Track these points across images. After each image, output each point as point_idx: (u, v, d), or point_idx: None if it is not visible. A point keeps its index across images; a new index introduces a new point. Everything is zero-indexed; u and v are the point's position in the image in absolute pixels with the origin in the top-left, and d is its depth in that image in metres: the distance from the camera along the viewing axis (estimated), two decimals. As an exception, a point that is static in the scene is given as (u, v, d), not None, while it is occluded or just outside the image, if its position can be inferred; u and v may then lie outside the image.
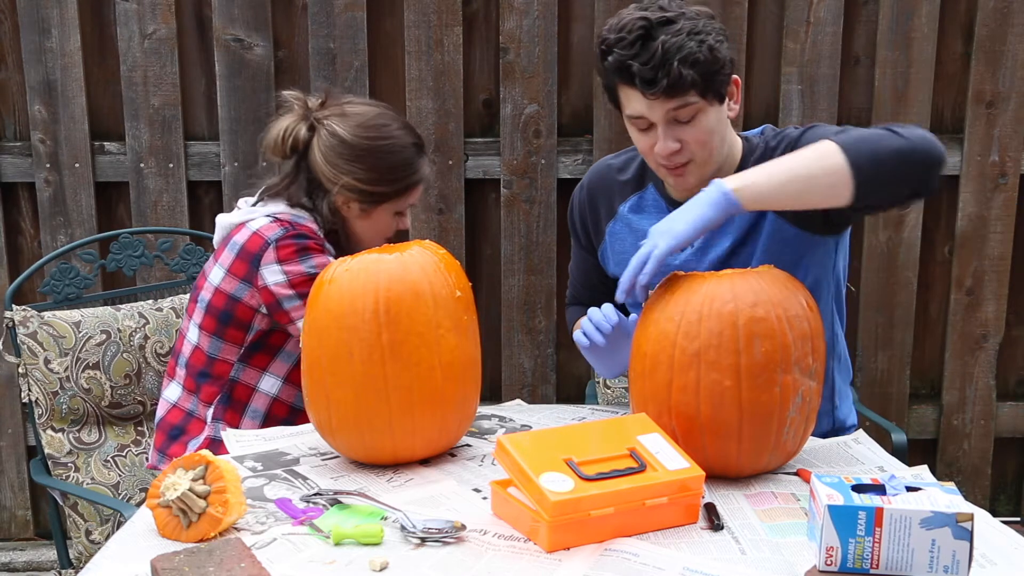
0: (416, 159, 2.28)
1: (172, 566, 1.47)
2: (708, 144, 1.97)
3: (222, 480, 1.61)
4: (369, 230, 2.31)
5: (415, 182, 2.30)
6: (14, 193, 3.16)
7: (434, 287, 1.82)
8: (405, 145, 2.27)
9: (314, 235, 2.22)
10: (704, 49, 1.89)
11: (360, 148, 2.23)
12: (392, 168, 2.25)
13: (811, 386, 1.77)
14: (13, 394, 3.12)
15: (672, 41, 1.88)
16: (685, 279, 1.80)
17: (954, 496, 1.48)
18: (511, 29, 3.03)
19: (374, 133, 2.24)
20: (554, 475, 1.58)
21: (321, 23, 3.02)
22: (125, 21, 3.02)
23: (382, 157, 2.24)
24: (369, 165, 2.23)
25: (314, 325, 1.83)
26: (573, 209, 2.29)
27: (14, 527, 3.33)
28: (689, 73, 1.88)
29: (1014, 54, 3.04)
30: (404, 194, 2.30)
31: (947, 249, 3.20)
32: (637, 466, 1.62)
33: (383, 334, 1.78)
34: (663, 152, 1.96)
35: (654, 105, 1.92)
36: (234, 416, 2.23)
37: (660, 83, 1.88)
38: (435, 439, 1.86)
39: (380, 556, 1.53)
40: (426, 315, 1.80)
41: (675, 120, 1.94)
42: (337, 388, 1.80)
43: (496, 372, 3.23)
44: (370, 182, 2.24)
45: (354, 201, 2.26)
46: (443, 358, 1.82)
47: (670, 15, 1.91)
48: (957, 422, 3.27)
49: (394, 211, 2.31)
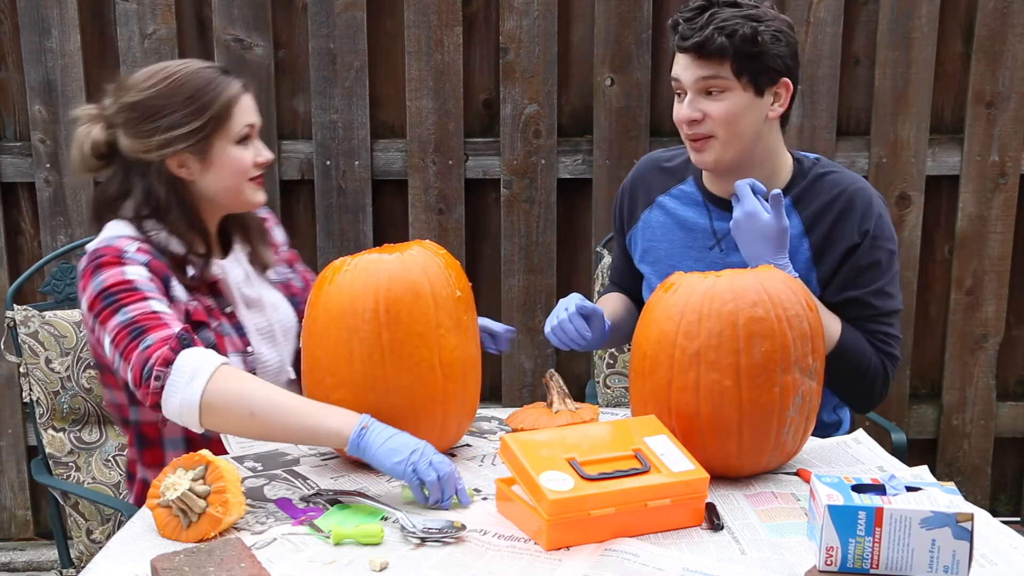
0: (215, 77, 2.00)
1: (172, 566, 1.47)
2: (731, 125, 2.02)
3: (222, 480, 1.61)
4: (223, 177, 2.02)
5: (229, 98, 2.00)
6: (14, 193, 3.16)
7: (434, 287, 1.82)
8: (195, 71, 2.00)
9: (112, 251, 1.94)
10: (748, 29, 1.96)
11: (149, 99, 1.98)
12: (191, 98, 1.97)
13: (811, 386, 1.77)
14: (13, 394, 3.12)
15: (724, 13, 1.97)
16: (685, 279, 1.80)
17: (954, 496, 1.48)
18: (511, 29, 3.03)
19: (155, 79, 1.99)
20: (555, 474, 1.58)
21: (321, 23, 3.02)
22: (125, 21, 3.02)
23: (173, 92, 1.98)
24: (166, 107, 1.97)
25: (314, 325, 1.83)
26: (617, 198, 2.35)
27: (14, 527, 3.33)
28: (721, 39, 1.95)
29: (1014, 54, 3.04)
30: (226, 117, 1.99)
31: (947, 249, 3.20)
32: (641, 467, 1.62)
33: (383, 334, 1.78)
34: (681, 116, 2.03)
35: (688, 67, 2.00)
36: (155, 454, 2.08)
37: (692, 38, 1.97)
38: (435, 439, 1.86)
39: (380, 556, 1.53)
40: (426, 315, 1.80)
41: (704, 91, 2.00)
42: (337, 388, 1.80)
43: (496, 372, 3.23)
44: (179, 123, 1.96)
45: (183, 154, 1.98)
46: (443, 358, 1.82)
47: (740, 1, 2.00)
48: (957, 422, 3.27)
49: (233, 141, 2.01)
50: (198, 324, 1.98)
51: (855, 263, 2.05)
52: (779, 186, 2.09)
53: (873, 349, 2.06)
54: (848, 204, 2.06)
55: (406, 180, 3.11)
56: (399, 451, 1.70)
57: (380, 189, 3.14)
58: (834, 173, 2.11)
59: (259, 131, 2.08)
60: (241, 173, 2.03)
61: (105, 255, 1.93)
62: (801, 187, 2.10)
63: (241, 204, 2.08)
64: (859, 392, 2.10)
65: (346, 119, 3.07)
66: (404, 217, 3.14)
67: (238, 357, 2.04)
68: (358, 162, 3.09)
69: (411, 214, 3.12)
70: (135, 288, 1.90)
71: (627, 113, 3.07)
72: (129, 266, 1.92)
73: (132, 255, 1.94)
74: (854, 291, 2.06)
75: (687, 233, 2.18)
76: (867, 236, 2.05)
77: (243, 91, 2.03)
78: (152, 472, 2.06)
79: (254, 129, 2.05)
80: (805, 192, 2.09)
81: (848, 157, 3.09)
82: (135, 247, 1.96)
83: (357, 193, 3.10)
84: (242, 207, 2.09)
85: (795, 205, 2.09)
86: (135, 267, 1.93)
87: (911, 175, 3.09)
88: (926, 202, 3.12)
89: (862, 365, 2.05)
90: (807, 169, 2.12)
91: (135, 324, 1.86)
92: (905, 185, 3.10)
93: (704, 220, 2.16)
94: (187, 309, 1.98)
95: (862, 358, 2.05)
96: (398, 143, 3.11)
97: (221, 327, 2.03)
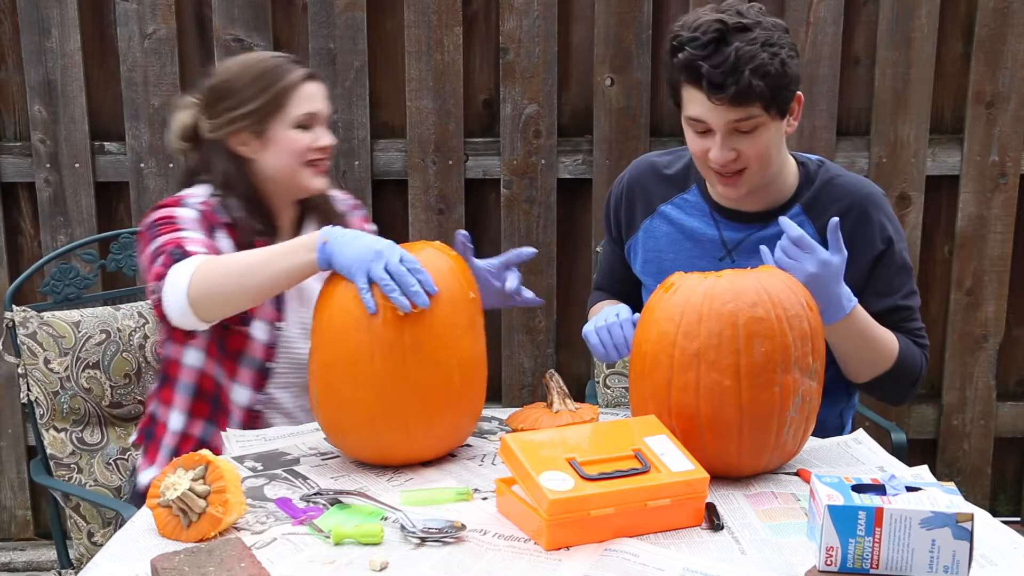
0: (282, 64, 2.15)
1: (172, 566, 1.47)
2: (765, 158, 1.98)
3: (222, 480, 1.61)
4: (279, 157, 2.14)
5: (290, 83, 2.13)
6: (14, 193, 3.17)
7: (450, 288, 1.82)
8: (263, 58, 2.18)
9: (171, 204, 2.12)
10: (776, 62, 1.89)
11: (222, 83, 2.16)
12: (255, 79, 2.13)
13: (811, 386, 1.77)
14: (13, 394, 3.12)
15: (746, 49, 1.87)
16: (685, 279, 1.80)
17: (954, 496, 1.48)
18: (511, 29, 3.03)
19: (230, 65, 2.20)
20: (555, 474, 1.58)
21: (321, 23, 3.02)
22: (125, 21, 3.02)
23: (242, 76, 2.14)
24: (235, 90, 2.14)
25: (330, 327, 1.83)
26: (609, 200, 2.29)
27: (14, 527, 3.33)
28: (759, 84, 1.87)
29: (1014, 54, 3.04)
30: (284, 100, 2.12)
31: (947, 249, 3.20)
32: (640, 467, 1.62)
33: (405, 334, 1.78)
34: (719, 160, 1.96)
35: (717, 111, 1.91)
36: (168, 392, 2.20)
37: (728, 89, 1.87)
38: (447, 438, 1.86)
39: (380, 556, 1.53)
40: (445, 315, 1.80)
41: (735, 130, 1.94)
42: (356, 389, 1.79)
43: (496, 372, 3.23)
44: (243, 103, 2.12)
45: (243, 132, 2.13)
46: (460, 358, 1.82)
47: (747, 22, 1.90)
48: (957, 422, 3.27)
49: (291, 124, 2.13)
50: None
51: (885, 271, 2.06)
52: (787, 193, 2.08)
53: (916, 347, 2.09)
54: (863, 213, 2.05)
55: (406, 180, 3.11)
56: (359, 253, 1.79)
57: (380, 189, 3.14)
58: (840, 177, 2.10)
59: (327, 120, 2.18)
60: (295, 154, 2.13)
61: (168, 201, 2.13)
62: (811, 194, 2.08)
63: (298, 186, 2.17)
64: (909, 392, 2.12)
65: (346, 119, 3.07)
66: (404, 217, 3.14)
67: (265, 324, 2.14)
68: (358, 162, 3.09)
69: (411, 214, 3.12)
70: (175, 222, 2.07)
71: (627, 113, 3.07)
72: (182, 208, 2.10)
73: (190, 202, 2.12)
74: (891, 298, 2.06)
75: (695, 244, 2.15)
76: (890, 243, 2.05)
77: (306, 80, 2.14)
78: (160, 408, 2.21)
79: (316, 117, 2.15)
80: (816, 200, 2.08)
81: (848, 157, 3.09)
82: (198, 200, 2.14)
83: (357, 193, 3.09)
84: (300, 191, 2.18)
85: (806, 212, 2.08)
86: (187, 210, 2.10)
87: (911, 175, 3.10)
88: (926, 202, 3.12)
89: (915, 370, 2.08)
90: (813, 174, 2.10)
91: (159, 249, 2.02)
92: (905, 185, 3.10)
93: (712, 230, 2.13)
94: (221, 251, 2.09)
95: (915, 364, 2.07)
96: (398, 143, 3.12)
97: None
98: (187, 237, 2.04)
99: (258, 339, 2.14)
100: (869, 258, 2.05)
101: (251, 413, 2.17)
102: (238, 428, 2.12)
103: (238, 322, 2.11)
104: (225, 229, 2.12)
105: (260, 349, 2.15)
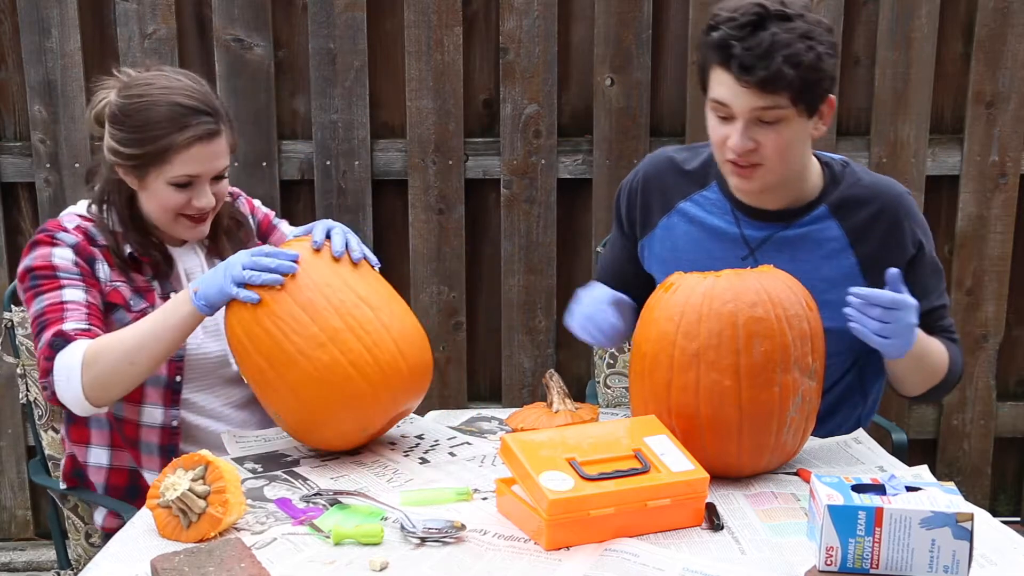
0: (179, 118, 1.98)
1: (172, 566, 1.47)
2: (784, 154, 1.91)
3: (222, 480, 1.61)
4: (151, 204, 2.05)
5: (173, 144, 1.97)
6: (14, 193, 3.16)
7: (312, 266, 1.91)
8: (164, 103, 1.99)
9: (52, 228, 2.05)
10: (812, 55, 1.83)
11: (118, 109, 2.02)
12: (142, 126, 1.98)
13: (811, 386, 1.77)
14: (13, 394, 3.11)
15: (783, 36, 1.82)
16: (685, 279, 1.80)
17: (954, 496, 1.48)
18: (511, 29, 3.03)
19: (135, 91, 2.02)
20: (555, 474, 1.58)
21: (321, 23, 3.02)
22: (125, 21, 3.01)
23: (133, 115, 2.00)
24: (123, 125, 2.01)
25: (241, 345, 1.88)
26: (621, 195, 2.21)
27: (14, 527, 3.33)
28: (790, 72, 1.81)
29: (1014, 54, 3.04)
30: (167, 158, 1.98)
31: (947, 249, 3.20)
32: (641, 467, 1.62)
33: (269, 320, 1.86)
34: (737, 147, 1.89)
35: (742, 96, 1.85)
36: (80, 431, 2.14)
37: (757, 73, 1.82)
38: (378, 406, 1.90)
39: (380, 556, 1.53)
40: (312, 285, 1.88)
41: (758, 120, 1.88)
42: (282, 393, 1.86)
43: (496, 372, 3.23)
44: (123, 143, 2.00)
45: (120, 168, 2.03)
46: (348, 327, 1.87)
47: (789, 12, 1.85)
48: (957, 422, 3.27)
49: (165, 181, 2.00)
50: (114, 306, 2.04)
51: (921, 274, 2.03)
52: (811, 193, 2.03)
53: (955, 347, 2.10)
54: (894, 217, 2.02)
55: (406, 180, 3.11)
56: (218, 273, 1.87)
57: (380, 189, 3.14)
58: (867, 179, 2.07)
59: (213, 175, 2.03)
60: (166, 211, 2.05)
61: (44, 231, 2.05)
62: (838, 196, 2.03)
63: (172, 234, 2.10)
64: (951, 391, 2.15)
65: (346, 119, 3.07)
66: (404, 217, 3.14)
67: None
68: (358, 162, 3.09)
69: (411, 214, 3.12)
70: (55, 275, 2.01)
71: (627, 113, 3.06)
72: (58, 248, 2.03)
73: (64, 236, 2.04)
74: (927, 300, 2.02)
75: (716, 242, 2.07)
76: (921, 246, 2.04)
77: (196, 141, 1.99)
78: (77, 448, 2.15)
79: (200, 178, 2.02)
80: (844, 201, 2.03)
81: (848, 157, 3.08)
82: (74, 225, 2.07)
83: (357, 193, 3.10)
84: (173, 236, 2.11)
85: (834, 214, 2.03)
86: (63, 249, 2.03)
87: (911, 175, 3.09)
88: (926, 202, 3.12)
89: (959, 373, 2.10)
90: (839, 175, 2.05)
91: (42, 316, 1.99)
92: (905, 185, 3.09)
93: (733, 228, 2.06)
94: (104, 290, 2.04)
95: (959, 367, 2.09)
96: (398, 143, 3.11)
97: (150, 310, 2.04)
98: (67, 304, 1.98)
99: None
100: (902, 263, 1.98)
101: (168, 431, 2.10)
102: (155, 450, 2.10)
103: None
104: (102, 254, 2.05)
105: (164, 368, 2.05)
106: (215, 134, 2.01)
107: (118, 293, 2.05)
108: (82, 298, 2.01)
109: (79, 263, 2.03)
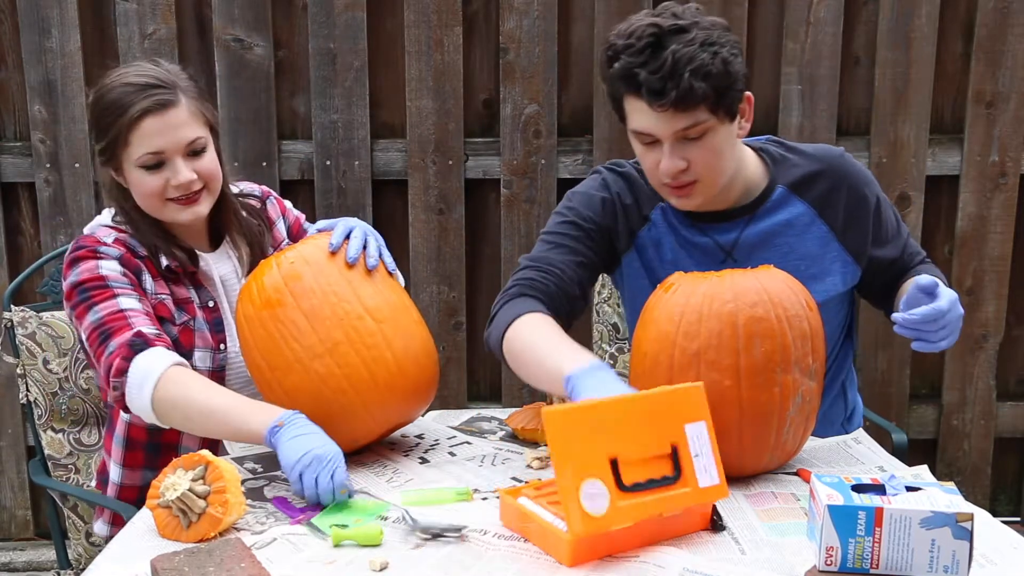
0: (123, 98, 1.95)
1: (172, 566, 1.47)
2: (717, 165, 1.89)
3: (222, 480, 1.61)
4: (137, 195, 2.02)
5: (126, 122, 1.94)
6: (14, 193, 3.17)
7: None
8: (114, 87, 1.97)
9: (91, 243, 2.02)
10: (717, 61, 1.79)
11: (92, 104, 2.01)
12: (100, 116, 1.98)
13: (811, 386, 1.77)
14: (13, 394, 3.12)
15: (684, 51, 1.78)
16: (685, 279, 1.80)
17: (954, 496, 1.48)
18: (511, 29, 3.03)
19: (97, 87, 2.01)
20: (594, 485, 1.50)
21: (321, 23, 3.02)
22: (125, 21, 3.02)
23: (93, 108, 2.00)
24: (90, 122, 2.04)
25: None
26: (594, 198, 2.06)
27: (14, 527, 3.33)
28: (700, 86, 1.78)
29: (1014, 54, 3.04)
30: (125, 140, 1.95)
31: (947, 249, 3.20)
32: (672, 476, 1.56)
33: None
34: (668, 171, 1.87)
35: (662, 120, 1.82)
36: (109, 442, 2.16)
37: (668, 94, 1.78)
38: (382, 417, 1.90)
39: (380, 556, 1.53)
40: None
41: (683, 138, 1.85)
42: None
43: (496, 372, 3.23)
44: (95, 139, 2.02)
45: (104, 166, 2.03)
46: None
47: (683, 23, 1.81)
48: (957, 422, 3.27)
49: (135, 165, 1.97)
50: (161, 319, 2.02)
51: (886, 219, 2.07)
52: (759, 182, 2.02)
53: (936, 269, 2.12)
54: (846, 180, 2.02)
55: (406, 180, 3.11)
56: (295, 452, 1.71)
57: (380, 189, 3.14)
58: (808, 149, 2.06)
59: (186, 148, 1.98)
60: (150, 198, 2.00)
61: (83, 247, 2.01)
62: (790, 175, 2.02)
63: (168, 221, 2.06)
64: None
65: (346, 119, 3.07)
66: (404, 217, 3.14)
67: (207, 353, 2.06)
68: (358, 162, 3.09)
69: (411, 214, 3.12)
70: (106, 285, 1.98)
71: (627, 113, 3.06)
72: (103, 260, 2.00)
73: (107, 249, 2.01)
74: (900, 239, 2.09)
75: (691, 251, 2.04)
76: (877, 198, 2.06)
77: (146, 115, 1.94)
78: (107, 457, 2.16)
79: (166, 154, 1.97)
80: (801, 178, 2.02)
81: (848, 157, 3.09)
82: (112, 238, 2.04)
83: (357, 193, 3.10)
84: (171, 223, 2.07)
85: (794, 191, 2.02)
86: (108, 261, 2.00)
87: (911, 175, 3.10)
88: (926, 202, 3.12)
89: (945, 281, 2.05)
90: (778, 156, 2.04)
91: (103, 326, 1.94)
92: (905, 185, 3.10)
93: (702, 238, 2.03)
94: (152, 303, 2.02)
95: (943, 278, 2.05)
96: (398, 143, 3.12)
97: (192, 322, 2.04)
98: (127, 312, 1.95)
99: (202, 368, 2.05)
100: (868, 217, 2.03)
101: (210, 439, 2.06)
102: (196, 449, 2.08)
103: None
104: (144, 265, 2.04)
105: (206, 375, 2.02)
106: (167, 104, 1.95)
107: (164, 306, 2.03)
108: (139, 306, 1.97)
109: (127, 274, 2.00)
